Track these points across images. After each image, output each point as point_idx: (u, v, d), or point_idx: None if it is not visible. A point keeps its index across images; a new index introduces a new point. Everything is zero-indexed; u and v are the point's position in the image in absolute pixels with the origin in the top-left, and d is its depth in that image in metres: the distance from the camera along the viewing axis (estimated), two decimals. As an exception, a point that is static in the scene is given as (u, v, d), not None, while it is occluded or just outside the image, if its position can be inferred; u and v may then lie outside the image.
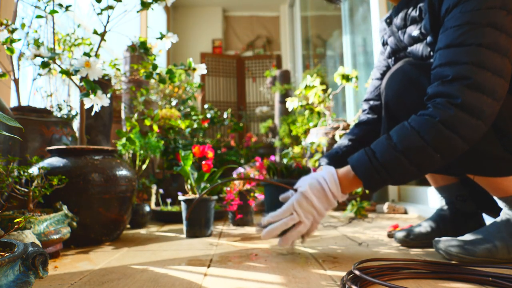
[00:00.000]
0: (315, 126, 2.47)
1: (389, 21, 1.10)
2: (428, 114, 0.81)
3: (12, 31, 1.28)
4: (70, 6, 1.28)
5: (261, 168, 1.13)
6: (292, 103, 2.26)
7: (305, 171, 1.16)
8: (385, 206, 2.05)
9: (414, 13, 0.98)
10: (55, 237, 0.96)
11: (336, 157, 1.12)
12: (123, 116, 2.27)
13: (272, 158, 1.74)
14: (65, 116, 1.66)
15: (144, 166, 1.81)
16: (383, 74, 1.21)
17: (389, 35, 1.11)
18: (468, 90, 0.77)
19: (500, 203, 0.93)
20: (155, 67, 1.32)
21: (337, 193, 0.91)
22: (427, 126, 0.80)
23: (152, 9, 1.29)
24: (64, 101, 1.78)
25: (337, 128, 2.23)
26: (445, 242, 0.93)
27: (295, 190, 0.96)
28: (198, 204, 1.34)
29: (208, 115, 3.04)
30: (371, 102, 1.22)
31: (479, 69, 0.77)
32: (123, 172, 1.25)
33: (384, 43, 1.17)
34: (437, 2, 0.88)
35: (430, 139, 0.79)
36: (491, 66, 0.77)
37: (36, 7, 1.34)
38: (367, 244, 1.14)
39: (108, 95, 1.45)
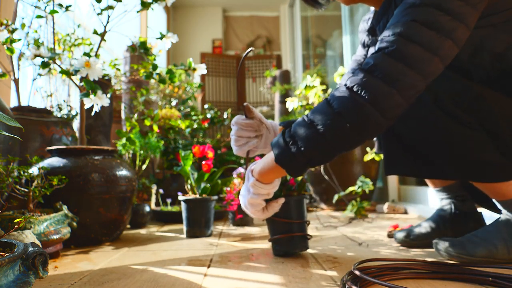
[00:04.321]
0: (315, 126, 2.46)
1: (372, 31, 1.08)
2: (343, 84, 0.77)
3: (12, 31, 1.28)
4: (70, 6, 1.28)
5: None
6: (292, 103, 2.26)
7: None
8: (385, 206, 2.05)
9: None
10: (55, 237, 0.96)
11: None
12: (123, 116, 2.27)
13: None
14: (65, 116, 1.66)
15: (144, 166, 1.81)
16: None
17: (373, 44, 1.09)
18: (385, 56, 0.72)
19: (499, 206, 0.93)
20: (155, 67, 1.32)
21: (257, 176, 0.87)
22: (336, 94, 0.76)
23: (152, 9, 1.29)
24: (64, 101, 1.78)
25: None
26: (445, 242, 0.93)
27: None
28: (198, 204, 1.34)
29: (208, 115, 3.04)
30: None
31: (405, 40, 0.72)
32: (123, 172, 1.25)
33: (365, 45, 1.15)
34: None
35: (337, 105, 0.74)
36: (423, 41, 0.71)
37: (36, 7, 1.34)
38: (367, 244, 1.14)
39: (108, 95, 1.45)
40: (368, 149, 1.93)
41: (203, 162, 1.42)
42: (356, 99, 0.72)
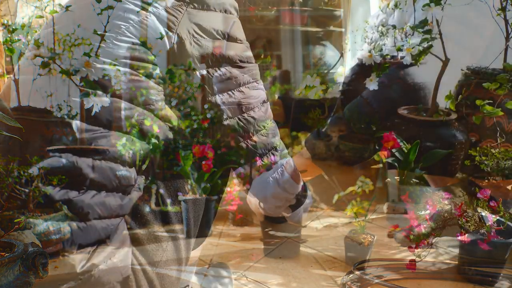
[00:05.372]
0: (315, 126, 2.46)
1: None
2: None
3: (12, 31, 1.28)
4: (70, 6, 1.28)
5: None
6: (292, 103, 2.26)
7: None
8: (385, 206, 2.04)
9: None
10: (55, 237, 0.96)
11: None
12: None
13: (272, 158, 1.74)
14: (65, 116, 1.66)
15: (144, 166, 1.81)
16: None
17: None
18: None
19: (501, 205, 0.93)
20: (155, 67, 1.32)
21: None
22: None
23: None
24: (64, 101, 1.77)
25: (337, 128, 2.22)
26: (445, 242, 0.93)
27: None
28: (198, 204, 1.34)
29: (208, 115, 3.04)
30: None
31: None
32: (123, 172, 1.25)
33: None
34: None
35: None
36: None
37: (36, 7, 1.34)
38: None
39: (108, 95, 1.45)
40: (368, 149, 1.93)
41: (203, 162, 1.42)
42: None
